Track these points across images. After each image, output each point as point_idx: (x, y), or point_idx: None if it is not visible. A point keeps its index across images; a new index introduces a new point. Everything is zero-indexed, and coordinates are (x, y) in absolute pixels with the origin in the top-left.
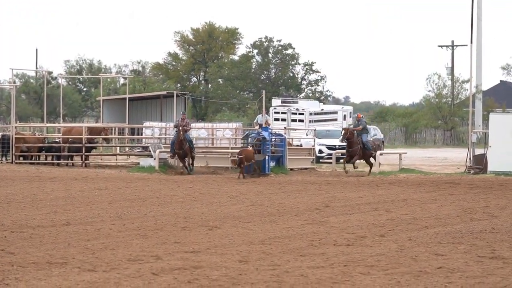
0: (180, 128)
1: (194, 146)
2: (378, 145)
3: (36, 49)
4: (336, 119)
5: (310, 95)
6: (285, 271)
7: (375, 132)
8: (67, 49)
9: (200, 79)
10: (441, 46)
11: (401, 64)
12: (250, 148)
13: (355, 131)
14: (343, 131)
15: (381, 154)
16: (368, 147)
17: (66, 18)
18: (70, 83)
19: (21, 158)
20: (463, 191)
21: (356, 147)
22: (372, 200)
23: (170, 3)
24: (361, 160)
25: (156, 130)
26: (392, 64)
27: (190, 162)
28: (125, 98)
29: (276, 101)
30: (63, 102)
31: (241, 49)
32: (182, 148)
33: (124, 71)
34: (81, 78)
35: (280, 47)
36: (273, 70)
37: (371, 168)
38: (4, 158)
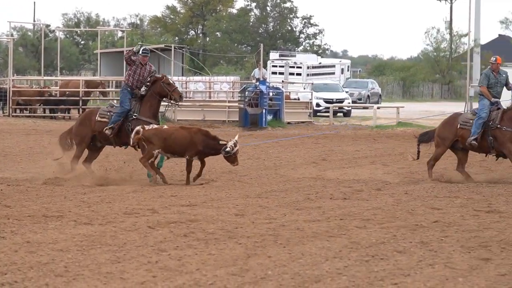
0: None
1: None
2: None
3: (34, 2)
4: (333, 73)
5: (308, 48)
6: (281, 224)
7: (372, 86)
8: (65, 2)
9: (198, 32)
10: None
11: (399, 18)
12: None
13: None
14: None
15: (378, 108)
16: None
17: None
18: (68, 36)
19: (17, 111)
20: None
21: None
22: (369, 153)
23: None
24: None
25: None
26: (390, 17)
27: None
28: (122, 52)
29: (274, 55)
30: (61, 55)
31: (240, 3)
32: None
33: (122, 24)
34: (78, 31)
35: (278, 1)
36: (271, 24)
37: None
38: (1, 112)
